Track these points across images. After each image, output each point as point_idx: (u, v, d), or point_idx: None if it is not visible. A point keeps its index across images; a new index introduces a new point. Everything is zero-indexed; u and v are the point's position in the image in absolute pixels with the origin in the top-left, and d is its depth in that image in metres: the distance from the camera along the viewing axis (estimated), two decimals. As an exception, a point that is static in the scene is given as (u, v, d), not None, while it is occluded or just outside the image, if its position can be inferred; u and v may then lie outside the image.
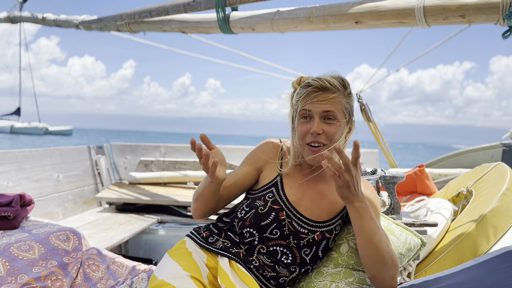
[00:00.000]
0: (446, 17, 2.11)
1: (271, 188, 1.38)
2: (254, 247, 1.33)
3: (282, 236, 1.33)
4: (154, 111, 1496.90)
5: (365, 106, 3.56)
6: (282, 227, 1.33)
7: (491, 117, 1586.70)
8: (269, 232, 1.33)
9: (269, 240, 1.33)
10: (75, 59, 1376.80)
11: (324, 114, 1.28)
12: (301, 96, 1.31)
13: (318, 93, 1.28)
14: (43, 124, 44.75)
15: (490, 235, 1.67)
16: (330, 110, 1.27)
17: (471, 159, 3.53)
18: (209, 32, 3.04)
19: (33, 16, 4.03)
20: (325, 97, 1.27)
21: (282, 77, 3.74)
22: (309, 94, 1.29)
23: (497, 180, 1.98)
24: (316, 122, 1.27)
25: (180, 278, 1.20)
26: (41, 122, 45.33)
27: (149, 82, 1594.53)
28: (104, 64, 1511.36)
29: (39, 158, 3.12)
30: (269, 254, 1.33)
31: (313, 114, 1.28)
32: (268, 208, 1.34)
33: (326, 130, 1.28)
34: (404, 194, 2.91)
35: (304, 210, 1.35)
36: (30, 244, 1.67)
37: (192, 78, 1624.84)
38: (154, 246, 3.13)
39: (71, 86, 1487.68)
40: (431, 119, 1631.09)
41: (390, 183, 1.81)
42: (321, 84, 1.28)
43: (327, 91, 1.28)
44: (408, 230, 1.51)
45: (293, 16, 2.56)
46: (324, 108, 1.27)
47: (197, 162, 3.89)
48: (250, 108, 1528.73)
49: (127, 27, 3.32)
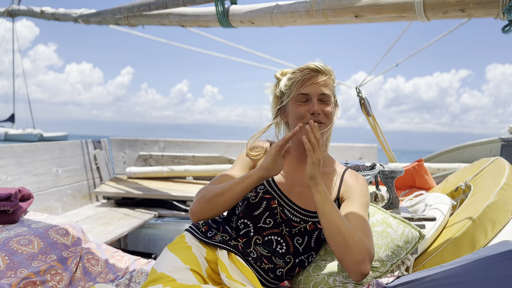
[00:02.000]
0: (446, 11, 2.10)
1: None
2: (251, 239, 1.36)
3: (275, 224, 1.36)
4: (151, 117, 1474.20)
5: (365, 100, 3.56)
6: (274, 215, 1.36)
7: (487, 124, 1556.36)
8: (262, 222, 1.36)
9: (264, 230, 1.36)
10: (73, 65, 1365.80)
11: (321, 96, 1.36)
12: (295, 80, 1.38)
13: (313, 75, 1.36)
14: (37, 131, 44.33)
15: (488, 230, 1.67)
16: (326, 93, 1.36)
17: (469, 154, 3.53)
18: (208, 26, 3.03)
19: (32, 10, 4.00)
20: (319, 79, 1.36)
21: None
22: (305, 76, 1.37)
23: (495, 174, 1.98)
24: (315, 103, 1.35)
25: (180, 271, 1.21)
26: (36, 128, 44.91)
27: (147, 89, 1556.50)
28: (101, 70, 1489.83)
29: (38, 153, 3.12)
30: (265, 245, 1.35)
31: (311, 96, 1.36)
32: (259, 198, 1.38)
33: (324, 109, 1.36)
34: (402, 188, 2.91)
35: (296, 199, 1.39)
36: (30, 239, 1.67)
37: (190, 85, 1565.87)
38: (153, 241, 3.14)
39: (68, 93, 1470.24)
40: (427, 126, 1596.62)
41: (389, 177, 1.81)
42: (315, 67, 1.37)
43: (321, 73, 1.37)
44: (405, 222, 1.51)
45: (292, 10, 2.55)
46: (321, 90, 1.36)
47: (196, 156, 3.90)
48: (248, 114, 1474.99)
49: (126, 21, 3.31)
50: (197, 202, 1.35)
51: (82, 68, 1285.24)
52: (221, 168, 3.75)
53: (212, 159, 3.90)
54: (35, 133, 43.45)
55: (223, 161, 3.86)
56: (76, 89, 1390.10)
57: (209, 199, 1.33)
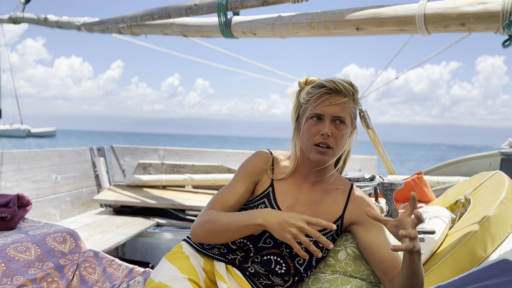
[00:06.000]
0: (447, 25, 2.12)
1: (263, 199, 1.38)
2: (249, 257, 1.33)
3: (276, 244, 1.33)
4: (142, 112, 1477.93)
5: (364, 113, 3.57)
6: (274, 236, 1.33)
7: (477, 116, 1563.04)
8: (262, 242, 1.33)
9: (263, 250, 1.33)
10: (62, 59, 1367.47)
11: (335, 118, 1.29)
12: (312, 96, 1.31)
13: (331, 95, 1.29)
14: (25, 126, 43.97)
15: (488, 244, 1.66)
16: (341, 115, 1.28)
17: (469, 167, 3.53)
18: (210, 36, 3.05)
19: (35, 17, 4.03)
20: (337, 100, 1.28)
21: (282, 82, 3.74)
22: (322, 96, 1.29)
23: (495, 188, 1.98)
24: (326, 124, 1.27)
25: (177, 281, 1.20)
26: (24, 124, 44.41)
27: (137, 83, 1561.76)
28: (91, 64, 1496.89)
29: (38, 159, 3.11)
30: (263, 263, 1.33)
31: (324, 116, 1.28)
32: None
33: (335, 133, 1.28)
34: (402, 201, 2.91)
35: None
36: (27, 245, 1.66)
37: (181, 78, 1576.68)
38: (151, 249, 3.12)
39: (57, 87, 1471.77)
40: (418, 118, 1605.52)
41: (388, 190, 1.81)
42: (335, 87, 1.28)
43: (340, 94, 1.29)
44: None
45: (294, 22, 2.57)
46: (336, 113, 1.28)
47: (196, 165, 3.90)
48: (239, 108, 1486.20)
49: (129, 30, 3.33)
50: (199, 228, 1.31)
51: (72, 62, 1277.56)
52: (220, 177, 3.74)
53: (211, 168, 3.89)
54: (23, 129, 43.17)
55: (223, 170, 3.86)
56: (65, 84, 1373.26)
57: (210, 231, 1.29)
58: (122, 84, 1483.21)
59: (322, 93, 1.29)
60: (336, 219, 1.37)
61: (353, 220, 1.37)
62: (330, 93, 1.28)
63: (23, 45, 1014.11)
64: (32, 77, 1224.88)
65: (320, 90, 1.29)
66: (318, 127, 1.29)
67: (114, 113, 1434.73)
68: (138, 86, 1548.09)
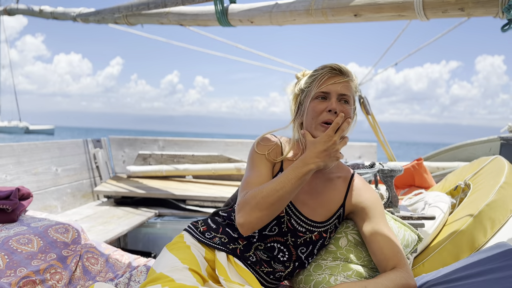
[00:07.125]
0: (445, 10, 2.10)
1: None
2: (252, 244, 1.34)
3: (280, 233, 1.33)
4: (141, 109, 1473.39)
5: (364, 99, 3.56)
6: (280, 224, 1.33)
7: (476, 116, 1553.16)
8: (268, 230, 1.33)
9: (268, 237, 1.34)
10: (61, 56, 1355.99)
11: (340, 96, 1.29)
12: (316, 77, 1.31)
13: (334, 74, 1.30)
14: (23, 123, 43.89)
15: (488, 229, 1.67)
16: (346, 93, 1.29)
17: (469, 153, 3.53)
18: (207, 25, 3.02)
19: (30, 9, 3.99)
20: (341, 78, 1.30)
21: (280, 69, 3.73)
22: (326, 75, 1.30)
23: (494, 173, 1.98)
24: (333, 101, 1.28)
25: (178, 271, 1.20)
26: (22, 121, 44.34)
27: (137, 80, 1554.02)
28: (90, 61, 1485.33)
29: (38, 152, 3.11)
30: (266, 250, 1.34)
31: (331, 94, 1.29)
32: None
33: (343, 109, 1.28)
34: (402, 187, 2.92)
35: (304, 209, 1.35)
36: (29, 237, 1.67)
37: (180, 76, 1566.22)
38: (152, 239, 3.14)
39: (56, 84, 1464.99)
40: (417, 117, 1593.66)
41: (388, 176, 1.81)
42: (338, 67, 1.30)
43: (343, 74, 1.31)
44: (405, 226, 1.52)
45: (291, 9, 2.54)
46: (341, 90, 1.28)
47: (195, 155, 3.90)
48: (239, 106, 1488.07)
49: (125, 20, 3.30)
50: (254, 213, 1.21)
51: (71, 58, 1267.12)
52: (220, 167, 3.75)
53: (211, 158, 3.90)
54: (21, 126, 43.14)
55: (223, 160, 3.86)
56: (64, 80, 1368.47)
57: (267, 207, 1.21)
58: (121, 81, 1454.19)
59: (326, 72, 1.30)
60: (338, 208, 1.38)
61: (354, 208, 1.37)
62: (333, 72, 1.30)
63: (22, 41, 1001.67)
64: (31, 74, 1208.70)
65: (323, 70, 1.31)
66: (324, 104, 1.29)
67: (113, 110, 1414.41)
68: (137, 83, 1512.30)
